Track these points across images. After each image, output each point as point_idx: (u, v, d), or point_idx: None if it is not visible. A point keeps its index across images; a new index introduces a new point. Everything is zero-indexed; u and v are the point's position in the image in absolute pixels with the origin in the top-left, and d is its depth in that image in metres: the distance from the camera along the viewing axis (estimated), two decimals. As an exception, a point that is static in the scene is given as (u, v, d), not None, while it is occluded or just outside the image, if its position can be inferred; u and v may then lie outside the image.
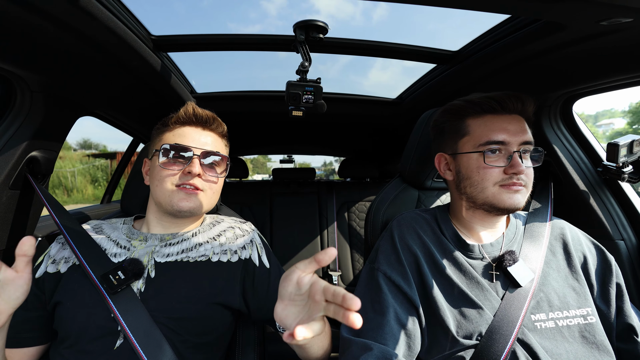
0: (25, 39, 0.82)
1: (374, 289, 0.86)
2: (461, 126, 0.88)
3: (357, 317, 0.50)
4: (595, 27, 0.76)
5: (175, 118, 0.96)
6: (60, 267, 0.87)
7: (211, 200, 0.96)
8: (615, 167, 1.10)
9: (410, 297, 0.82)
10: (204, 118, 0.97)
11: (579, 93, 1.17)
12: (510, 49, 1.00)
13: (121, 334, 0.80)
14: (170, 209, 0.89)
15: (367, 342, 0.76)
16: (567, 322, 0.78)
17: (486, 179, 0.83)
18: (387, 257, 0.89)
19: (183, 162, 0.90)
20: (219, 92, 1.84)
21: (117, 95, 1.36)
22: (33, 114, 1.03)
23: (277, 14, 74.36)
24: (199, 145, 0.93)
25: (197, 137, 0.94)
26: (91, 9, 0.78)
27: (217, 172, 0.96)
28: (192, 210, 0.90)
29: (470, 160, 0.86)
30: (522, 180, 0.81)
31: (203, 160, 0.92)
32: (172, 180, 0.89)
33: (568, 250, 0.88)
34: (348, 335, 0.81)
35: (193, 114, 0.95)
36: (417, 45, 1.30)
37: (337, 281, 2.47)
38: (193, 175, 0.89)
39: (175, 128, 0.95)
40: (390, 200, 1.16)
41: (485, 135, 0.83)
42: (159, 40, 1.17)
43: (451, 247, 0.88)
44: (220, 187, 1.00)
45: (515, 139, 0.82)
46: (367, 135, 2.57)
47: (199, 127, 0.97)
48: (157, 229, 0.96)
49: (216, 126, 1.00)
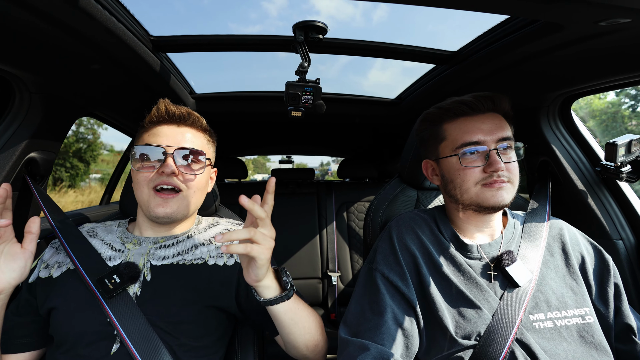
0: (24, 39, 0.81)
1: (372, 289, 0.86)
2: (439, 132, 0.91)
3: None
4: (594, 28, 0.76)
5: (149, 118, 0.92)
6: (53, 271, 0.86)
7: (194, 199, 0.92)
8: (614, 167, 1.10)
9: (408, 297, 0.83)
10: (177, 114, 0.92)
11: (577, 93, 1.18)
12: (509, 49, 1.00)
13: (117, 338, 0.79)
14: (148, 215, 0.87)
15: (365, 342, 0.76)
16: (565, 322, 0.78)
17: (467, 180, 0.84)
18: (385, 257, 0.89)
19: (157, 162, 0.87)
20: (218, 92, 1.84)
21: (116, 96, 1.35)
22: (31, 115, 1.02)
23: (277, 14, 74.03)
24: (173, 143, 0.88)
25: (172, 135, 0.90)
26: (90, 9, 0.78)
27: (193, 169, 0.90)
28: (170, 216, 0.87)
29: (451, 163, 0.87)
30: (503, 176, 0.82)
31: (178, 157, 0.87)
32: (148, 184, 0.86)
33: (566, 251, 0.88)
34: (345, 336, 0.81)
35: (165, 112, 0.91)
36: (416, 46, 1.30)
37: (336, 282, 2.47)
38: (167, 174, 0.85)
39: (150, 128, 0.92)
40: (389, 201, 1.16)
41: (460, 138, 0.85)
42: (158, 41, 1.17)
43: (450, 247, 0.88)
44: (204, 184, 0.95)
45: (490, 137, 0.83)
46: (366, 135, 2.57)
47: (174, 124, 0.92)
48: (148, 232, 0.95)
49: (193, 121, 0.94)
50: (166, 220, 0.88)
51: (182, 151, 0.88)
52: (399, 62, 16.50)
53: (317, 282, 2.53)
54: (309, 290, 2.50)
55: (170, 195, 0.87)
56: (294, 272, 2.51)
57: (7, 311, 0.86)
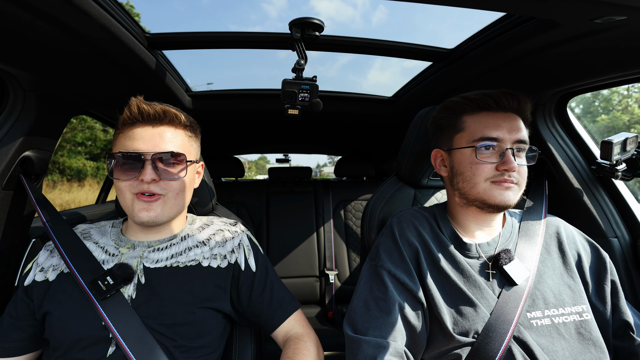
0: (18, 36, 0.81)
1: (379, 286, 0.85)
2: (457, 122, 0.89)
3: None
4: (589, 25, 0.77)
5: (122, 120, 0.85)
6: (49, 275, 0.86)
7: (177, 202, 0.89)
8: (609, 165, 1.11)
9: (415, 293, 0.82)
10: (151, 114, 0.85)
11: (573, 91, 1.18)
12: (505, 46, 1.00)
13: (113, 341, 0.79)
14: (133, 219, 0.85)
15: (379, 340, 0.76)
16: (562, 319, 0.79)
17: (477, 175, 0.84)
18: (389, 254, 0.89)
19: (135, 168, 0.82)
20: (214, 90, 1.83)
21: (111, 94, 1.34)
22: (26, 113, 1.01)
23: (277, 15, 73.86)
24: (150, 147, 0.83)
25: (149, 137, 0.84)
26: (84, 6, 0.77)
27: (174, 174, 0.86)
28: (154, 220, 0.85)
29: (464, 155, 0.87)
30: (513, 177, 0.82)
31: (157, 161, 0.83)
32: (129, 189, 0.83)
33: (563, 249, 0.88)
34: (355, 335, 0.80)
35: (138, 112, 0.84)
36: (413, 43, 1.30)
37: (333, 280, 2.47)
38: (147, 182, 0.82)
39: (125, 130, 0.86)
40: (386, 199, 1.16)
41: (479, 131, 0.84)
42: (153, 38, 1.16)
43: (449, 245, 0.88)
44: (188, 183, 0.92)
45: (509, 136, 0.83)
46: (363, 133, 2.57)
47: (149, 125, 0.85)
48: (140, 235, 0.93)
49: (170, 119, 0.88)
50: (151, 224, 0.86)
51: (160, 155, 0.84)
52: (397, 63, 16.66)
53: (315, 280, 2.53)
54: (306, 289, 2.51)
55: (152, 199, 0.84)
56: (291, 270, 2.52)
57: (5, 314, 0.86)
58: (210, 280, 0.89)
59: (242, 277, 0.94)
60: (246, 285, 0.94)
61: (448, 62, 1.32)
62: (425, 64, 1.48)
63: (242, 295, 0.94)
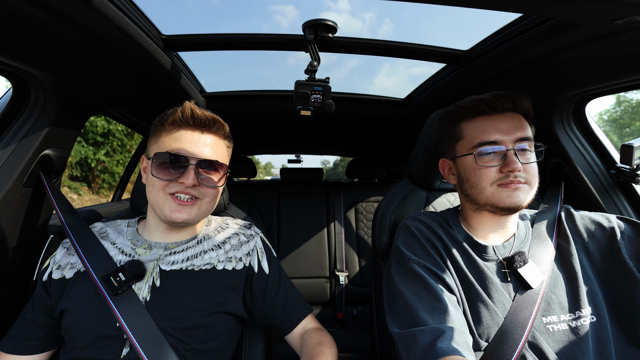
0: (40, 38, 0.83)
1: (414, 280, 0.83)
2: (456, 130, 0.90)
3: None
4: (610, 26, 0.75)
5: (172, 119, 0.87)
6: (66, 272, 0.87)
7: (209, 207, 0.91)
8: (629, 170, 1.08)
9: (447, 282, 0.81)
10: (202, 120, 0.87)
11: (592, 93, 1.15)
12: (522, 48, 0.98)
13: (127, 342, 0.80)
14: (164, 218, 0.86)
15: (436, 326, 0.72)
16: (581, 322, 0.76)
17: (483, 180, 0.83)
18: (413, 250, 0.88)
19: (178, 170, 0.84)
20: (228, 91, 1.85)
21: (128, 94, 1.37)
22: (46, 113, 1.04)
23: (288, 26, 75.36)
24: (196, 152, 0.85)
25: (195, 142, 0.86)
26: (103, 8, 0.79)
27: (214, 181, 0.89)
28: (186, 222, 0.86)
29: (467, 162, 0.86)
30: (520, 177, 0.80)
31: (198, 168, 0.86)
32: (165, 189, 0.85)
33: (577, 249, 0.86)
34: (403, 330, 0.76)
35: (191, 116, 0.86)
36: (427, 45, 1.29)
37: (343, 281, 2.47)
38: (187, 185, 0.84)
39: (172, 130, 0.87)
40: (398, 201, 1.15)
41: (477, 137, 0.84)
42: (169, 40, 1.19)
43: (466, 247, 0.87)
44: (219, 193, 0.94)
45: (508, 137, 0.82)
46: (375, 135, 2.56)
47: (197, 130, 0.88)
48: (158, 235, 0.94)
49: (217, 128, 0.91)
50: (182, 225, 0.88)
51: (205, 163, 0.86)
52: (405, 68, 16.55)
53: (325, 282, 2.53)
54: (317, 290, 2.51)
55: (187, 203, 0.86)
56: (301, 271, 2.52)
57: (23, 312, 0.88)
58: (225, 283, 0.90)
59: (255, 279, 0.95)
60: (260, 287, 0.95)
61: (462, 64, 1.30)
62: (435, 68, 1.47)
63: (255, 296, 0.94)
